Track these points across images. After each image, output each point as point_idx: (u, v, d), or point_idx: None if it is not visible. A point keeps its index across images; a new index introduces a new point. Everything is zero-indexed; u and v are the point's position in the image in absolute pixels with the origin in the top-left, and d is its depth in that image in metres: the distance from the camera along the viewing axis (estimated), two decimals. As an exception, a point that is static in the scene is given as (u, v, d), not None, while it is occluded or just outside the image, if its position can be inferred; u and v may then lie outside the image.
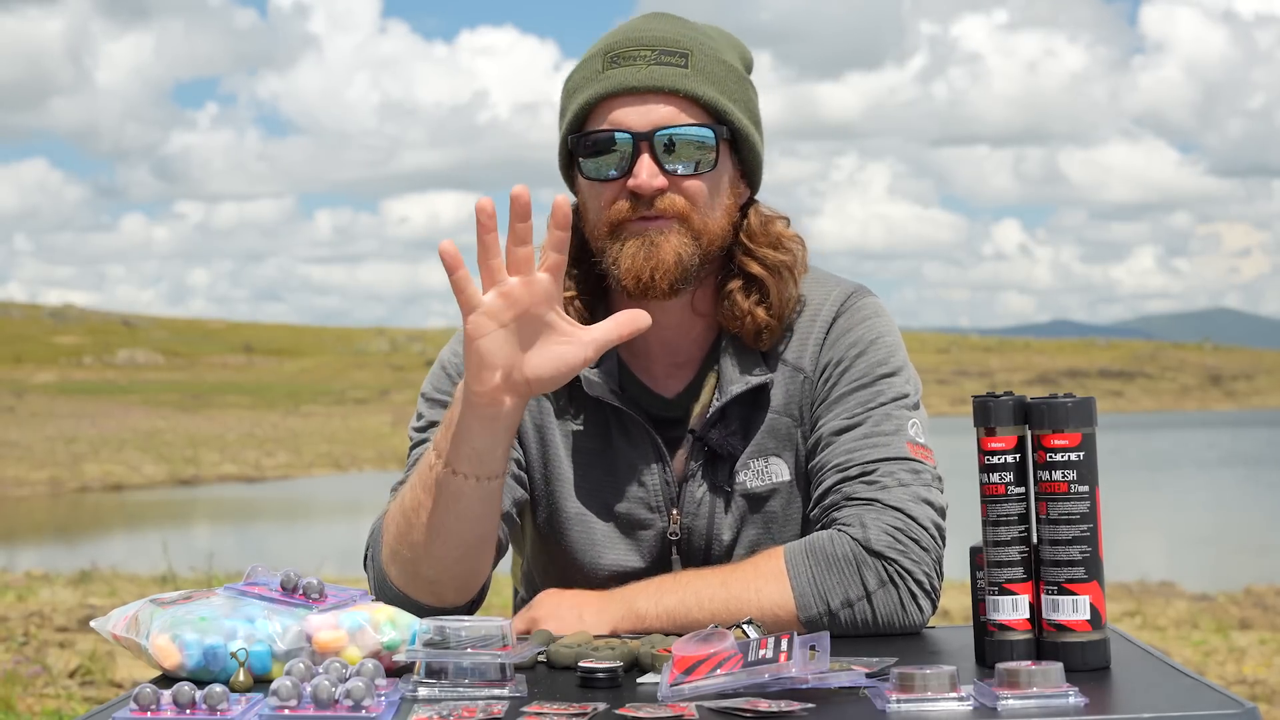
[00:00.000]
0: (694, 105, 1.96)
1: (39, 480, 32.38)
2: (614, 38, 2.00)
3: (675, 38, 1.98)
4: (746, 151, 2.03)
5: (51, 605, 9.10)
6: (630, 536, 2.06)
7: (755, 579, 1.89)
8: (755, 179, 2.06)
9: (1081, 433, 1.61)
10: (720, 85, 1.98)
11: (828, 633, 1.53)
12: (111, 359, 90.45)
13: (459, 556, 1.87)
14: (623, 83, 1.95)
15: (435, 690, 1.54)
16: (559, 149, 2.04)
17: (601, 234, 1.99)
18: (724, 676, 1.50)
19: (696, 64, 1.97)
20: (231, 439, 45.02)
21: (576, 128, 2.00)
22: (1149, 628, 8.92)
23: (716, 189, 1.99)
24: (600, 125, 1.97)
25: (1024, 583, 1.64)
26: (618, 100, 1.96)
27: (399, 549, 1.88)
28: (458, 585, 1.90)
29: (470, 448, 1.79)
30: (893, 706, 1.43)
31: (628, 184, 1.95)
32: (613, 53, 1.98)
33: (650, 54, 1.96)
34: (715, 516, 2.05)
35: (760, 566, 1.91)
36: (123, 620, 1.71)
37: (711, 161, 1.97)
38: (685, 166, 1.95)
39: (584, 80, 2.00)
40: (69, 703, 5.94)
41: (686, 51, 1.97)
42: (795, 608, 1.87)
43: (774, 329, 2.04)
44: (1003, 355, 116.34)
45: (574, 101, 2.00)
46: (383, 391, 70.08)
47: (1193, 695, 1.48)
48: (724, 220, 2.01)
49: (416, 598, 1.90)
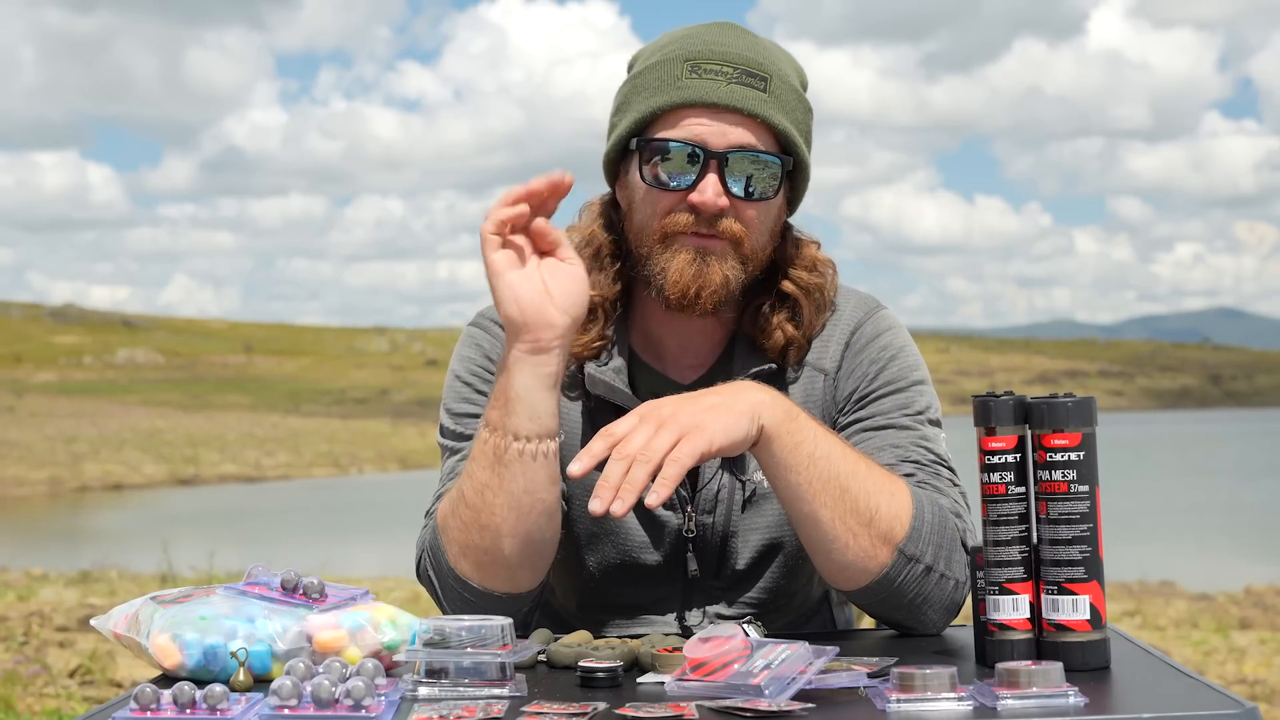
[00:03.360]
0: (767, 132, 1.95)
1: (39, 480, 32.39)
2: (693, 46, 1.97)
3: (757, 59, 1.96)
4: (800, 180, 2.03)
5: (51, 605, 9.10)
6: (645, 533, 2.06)
7: (891, 483, 1.85)
8: (796, 205, 2.07)
9: (1081, 433, 1.61)
10: (792, 115, 1.98)
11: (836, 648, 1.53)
12: (111, 359, 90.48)
13: (531, 530, 1.86)
14: (704, 96, 1.93)
15: (435, 690, 1.54)
16: (612, 144, 2.02)
17: (651, 240, 1.98)
18: (723, 681, 1.51)
19: (774, 90, 1.96)
20: (231, 439, 45.04)
21: (640, 129, 1.98)
22: (1149, 628, 8.92)
23: (769, 216, 1.99)
24: (672, 133, 1.95)
25: (1024, 582, 1.64)
26: (694, 112, 1.94)
27: (469, 541, 1.87)
28: (532, 563, 1.89)
29: (527, 408, 1.81)
30: (893, 706, 1.43)
31: (690, 198, 1.94)
32: (693, 61, 1.95)
33: (732, 71, 1.94)
34: (731, 514, 2.04)
35: (895, 478, 1.87)
36: (123, 619, 1.71)
37: (774, 190, 1.96)
38: (750, 191, 1.94)
39: (659, 83, 1.97)
40: (69, 702, 5.94)
41: (767, 76, 1.95)
42: (905, 535, 1.83)
43: (800, 345, 2.04)
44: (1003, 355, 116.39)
45: (646, 102, 1.97)
46: (383, 391, 70.10)
47: (1193, 695, 1.48)
48: (769, 245, 2.01)
49: (493, 588, 1.89)
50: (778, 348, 2.03)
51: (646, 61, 2.01)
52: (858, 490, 1.81)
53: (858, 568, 1.83)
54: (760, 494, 2.04)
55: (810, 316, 2.04)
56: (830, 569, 1.86)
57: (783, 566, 2.07)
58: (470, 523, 1.86)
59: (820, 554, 1.85)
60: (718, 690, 1.50)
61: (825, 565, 1.86)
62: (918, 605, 1.86)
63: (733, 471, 2.04)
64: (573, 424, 2.07)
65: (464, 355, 2.10)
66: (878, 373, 2.03)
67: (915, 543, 1.83)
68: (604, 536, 2.06)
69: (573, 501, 2.06)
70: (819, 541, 1.83)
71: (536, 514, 1.85)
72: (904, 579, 1.83)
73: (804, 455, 1.79)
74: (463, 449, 2.03)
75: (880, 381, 2.03)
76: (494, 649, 1.55)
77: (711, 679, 1.52)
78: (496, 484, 1.83)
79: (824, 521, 1.81)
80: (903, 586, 1.84)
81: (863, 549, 1.82)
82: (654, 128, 1.97)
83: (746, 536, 2.05)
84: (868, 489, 1.82)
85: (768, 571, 2.07)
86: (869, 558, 1.82)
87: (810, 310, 2.04)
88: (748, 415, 1.76)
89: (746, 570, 2.06)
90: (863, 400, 2.03)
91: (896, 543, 1.82)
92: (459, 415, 2.07)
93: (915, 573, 1.84)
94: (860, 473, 1.82)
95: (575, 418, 2.07)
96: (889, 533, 1.82)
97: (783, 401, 1.81)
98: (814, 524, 1.82)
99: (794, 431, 1.79)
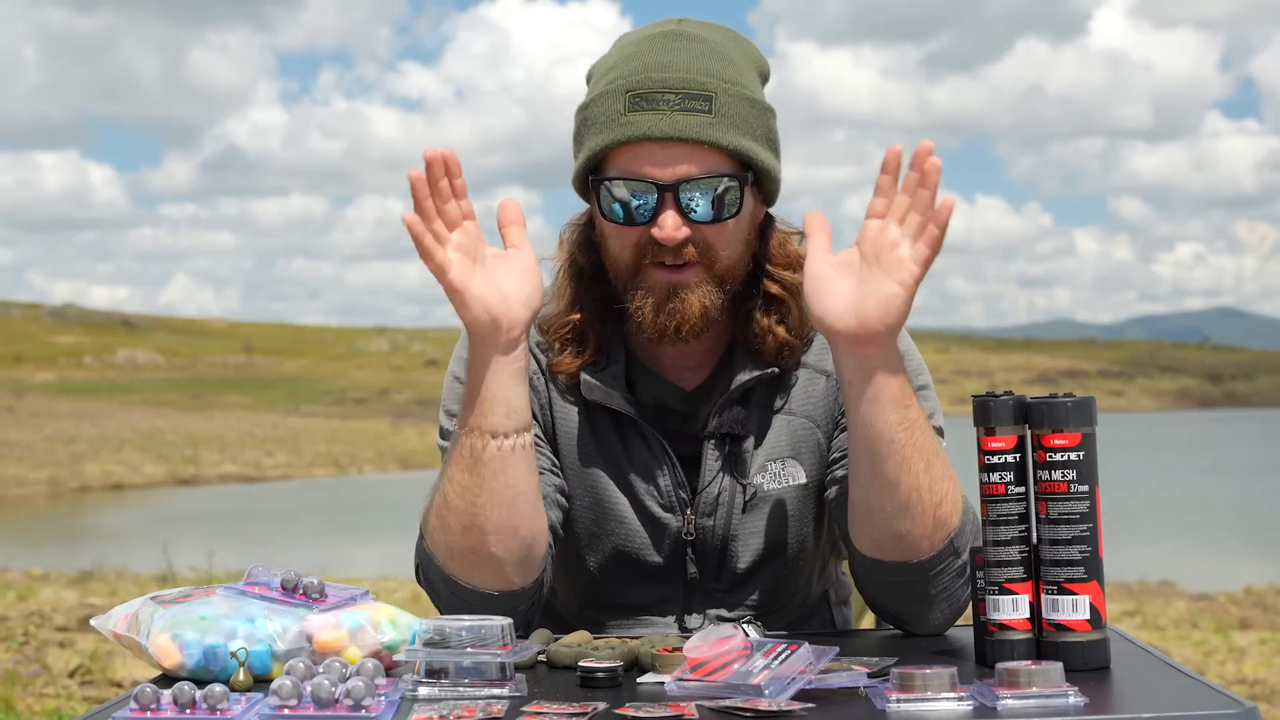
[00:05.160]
0: (718, 153, 1.93)
1: (39, 480, 32.39)
2: (634, 74, 1.95)
3: (698, 78, 1.93)
4: (767, 182, 2.01)
5: (51, 605, 9.11)
6: (645, 534, 2.06)
7: (953, 478, 1.85)
8: (772, 199, 2.05)
9: (1081, 432, 1.61)
10: (744, 126, 1.95)
11: (837, 648, 1.53)
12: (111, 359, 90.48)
13: (518, 523, 1.86)
14: (646, 131, 1.91)
15: (435, 690, 1.54)
16: (574, 177, 2.02)
17: (623, 274, 1.98)
18: (723, 682, 1.51)
19: (720, 108, 1.93)
20: (231, 439, 45.04)
21: (594, 165, 1.98)
22: (1149, 628, 8.92)
23: (740, 228, 1.98)
24: (622, 171, 1.94)
25: (1024, 582, 1.64)
26: (639, 148, 1.93)
27: (456, 543, 1.87)
28: (522, 559, 1.89)
29: (502, 404, 1.83)
30: (893, 706, 1.43)
31: (651, 232, 1.93)
32: (634, 93, 1.93)
33: (674, 98, 1.92)
34: (731, 517, 2.04)
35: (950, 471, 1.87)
36: (123, 619, 1.71)
37: (735, 207, 1.95)
38: (710, 214, 1.93)
39: (603, 119, 1.95)
40: (69, 702, 5.94)
41: (710, 94, 1.93)
42: (957, 527, 1.84)
43: (794, 347, 2.04)
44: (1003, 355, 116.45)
45: (593, 139, 1.96)
46: (383, 391, 70.10)
47: (1193, 695, 1.48)
48: (745, 253, 2.00)
49: (490, 587, 1.89)
50: (773, 351, 2.03)
51: (595, 89, 2.00)
52: (938, 470, 1.82)
53: (909, 543, 1.83)
54: (760, 497, 2.04)
55: (799, 316, 2.04)
56: (880, 535, 1.85)
57: (783, 569, 2.07)
58: (456, 525, 1.86)
59: (880, 517, 1.84)
60: (718, 690, 1.50)
61: (878, 530, 1.85)
62: (935, 599, 1.87)
63: (733, 475, 2.04)
64: (571, 427, 2.07)
65: (462, 357, 2.10)
66: None
67: (962, 538, 1.85)
68: (604, 537, 2.07)
69: (573, 501, 2.06)
70: (888, 504, 1.82)
71: (520, 505, 1.86)
72: (941, 569, 1.84)
73: (914, 413, 1.80)
74: None
75: None
76: (494, 649, 1.55)
77: (711, 679, 1.52)
78: (478, 484, 1.83)
79: (903, 486, 1.80)
80: (937, 576, 1.85)
81: (923, 527, 1.82)
82: (605, 166, 1.96)
83: (747, 540, 2.05)
84: (945, 473, 1.83)
85: (768, 574, 2.07)
86: (924, 537, 1.83)
87: (798, 310, 2.04)
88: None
89: (746, 573, 2.06)
90: None
91: (950, 532, 1.83)
92: (456, 416, 2.07)
93: (953, 567, 1.85)
94: (940, 456, 1.84)
95: (574, 421, 2.07)
96: (947, 520, 1.83)
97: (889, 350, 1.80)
98: (892, 487, 1.81)
99: (907, 388, 1.81)
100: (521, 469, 1.85)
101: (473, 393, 1.85)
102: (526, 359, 1.87)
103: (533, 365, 2.07)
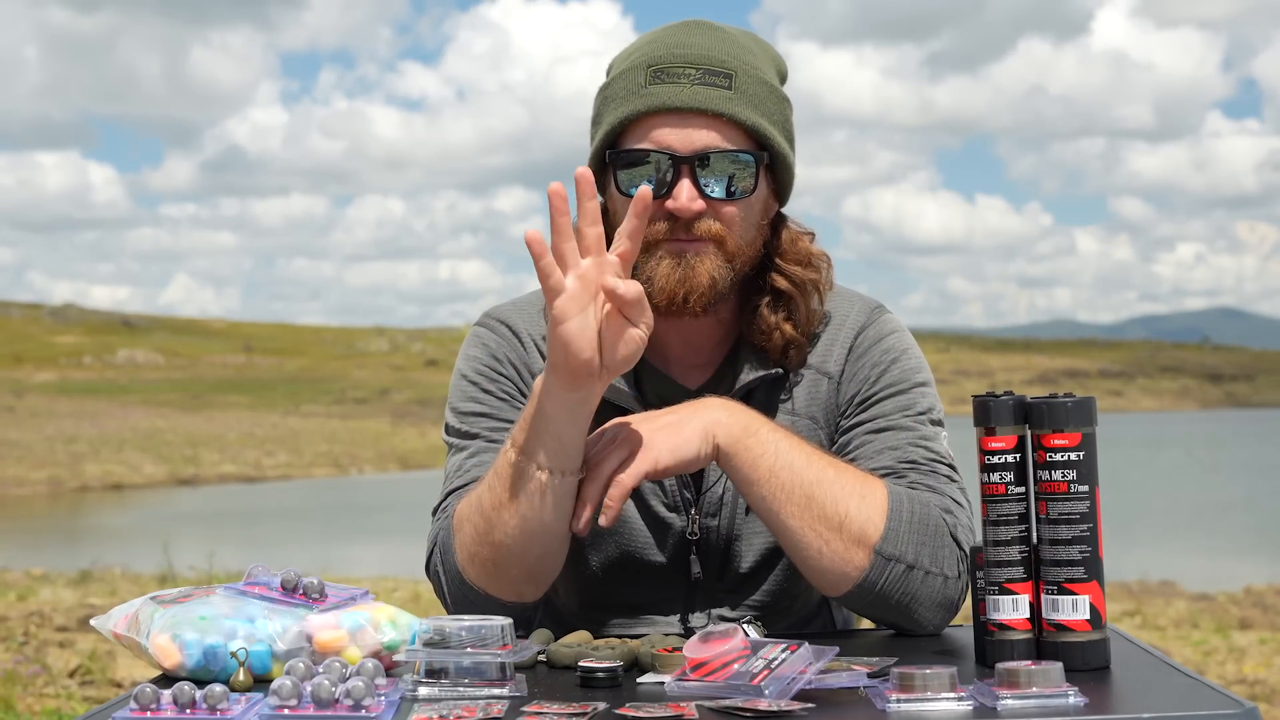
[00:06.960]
0: (736, 129, 1.93)
1: (39, 480, 32.40)
2: (656, 50, 1.97)
3: (720, 56, 1.95)
4: (781, 171, 2.01)
5: (51, 605, 9.11)
6: (649, 534, 2.06)
7: (862, 485, 1.86)
8: (785, 195, 2.06)
9: (1081, 432, 1.61)
10: (762, 108, 1.96)
11: (836, 648, 1.53)
12: (111, 359, 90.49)
13: (542, 554, 1.87)
14: (665, 101, 1.92)
15: (435, 690, 1.54)
16: (591, 156, 2.02)
17: None
18: (724, 681, 1.51)
19: (740, 86, 1.94)
20: (231, 439, 45.05)
21: (613, 140, 1.98)
22: (1149, 628, 8.93)
23: (752, 212, 1.98)
24: (640, 143, 1.94)
25: (1024, 582, 1.64)
26: (659, 118, 1.93)
27: (478, 550, 1.88)
28: (538, 581, 1.91)
29: (554, 439, 1.80)
30: (893, 706, 1.43)
31: (666, 204, 1.93)
32: (655, 67, 1.94)
33: (695, 72, 1.93)
34: (735, 518, 2.04)
35: (868, 479, 1.88)
36: (123, 619, 1.71)
37: (750, 186, 1.95)
38: (725, 190, 1.93)
39: (624, 93, 1.96)
40: (69, 702, 5.95)
41: (731, 72, 1.94)
42: (881, 535, 1.83)
43: (800, 345, 2.04)
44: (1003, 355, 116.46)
45: (613, 113, 1.97)
46: (383, 391, 70.10)
47: (1192, 695, 1.48)
48: (757, 240, 2.00)
49: (500, 596, 1.90)
50: (779, 349, 2.04)
51: (616, 70, 2.02)
52: (824, 497, 1.84)
53: (836, 573, 1.85)
54: None
55: (806, 313, 2.04)
56: (812, 576, 1.89)
57: (786, 570, 2.07)
58: (482, 533, 1.87)
59: (799, 562, 1.88)
60: (718, 690, 1.50)
61: (807, 573, 1.89)
62: (906, 605, 1.86)
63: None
64: None
65: (470, 355, 2.10)
66: (880, 375, 2.03)
67: (893, 542, 1.84)
68: (607, 536, 2.07)
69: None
70: (793, 550, 1.87)
71: (545, 540, 1.86)
72: (886, 580, 1.84)
73: (764, 469, 1.84)
74: (469, 447, 2.03)
75: (883, 384, 2.03)
76: (494, 649, 1.55)
77: (711, 679, 1.52)
78: (513, 505, 1.83)
79: (793, 530, 1.84)
80: (886, 588, 1.85)
81: (837, 554, 1.84)
82: (624, 138, 1.97)
83: (750, 540, 2.05)
84: (835, 494, 1.84)
85: (771, 575, 2.07)
86: (845, 562, 1.84)
87: (806, 307, 2.04)
88: (699, 435, 1.83)
89: (749, 573, 2.06)
90: (865, 402, 2.03)
91: (872, 544, 1.84)
92: (465, 414, 2.07)
93: (896, 573, 1.85)
94: (827, 479, 1.84)
95: None
96: (862, 535, 1.84)
97: (741, 417, 1.85)
98: (785, 533, 1.86)
99: (751, 447, 1.84)
100: (561, 506, 1.83)
101: (529, 416, 1.82)
102: (594, 406, 1.81)
103: (539, 361, 2.07)
